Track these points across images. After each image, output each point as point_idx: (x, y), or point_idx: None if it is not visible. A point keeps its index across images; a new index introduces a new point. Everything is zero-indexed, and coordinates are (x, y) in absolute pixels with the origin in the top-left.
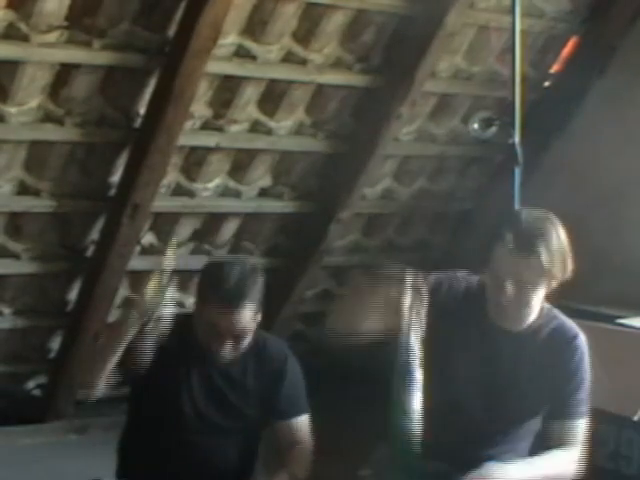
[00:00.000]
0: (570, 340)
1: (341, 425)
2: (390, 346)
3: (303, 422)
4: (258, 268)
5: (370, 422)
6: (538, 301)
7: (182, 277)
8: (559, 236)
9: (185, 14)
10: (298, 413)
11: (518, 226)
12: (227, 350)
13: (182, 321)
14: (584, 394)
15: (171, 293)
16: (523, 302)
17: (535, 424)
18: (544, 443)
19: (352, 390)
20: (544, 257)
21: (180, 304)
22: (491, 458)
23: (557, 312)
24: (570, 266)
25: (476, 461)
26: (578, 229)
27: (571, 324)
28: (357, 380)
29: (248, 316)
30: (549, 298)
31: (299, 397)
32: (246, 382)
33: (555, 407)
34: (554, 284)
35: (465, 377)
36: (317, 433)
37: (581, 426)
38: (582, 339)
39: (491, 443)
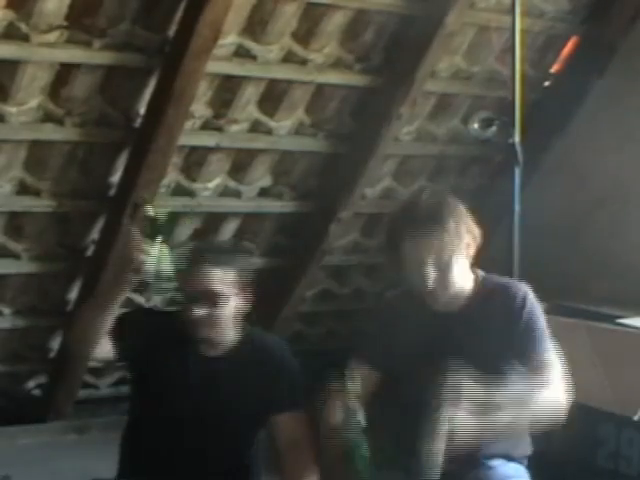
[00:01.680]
0: (514, 296)
1: None
2: None
3: (301, 417)
4: (245, 250)
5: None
6: (462, 276)
7: None
8: (451, 209)
9: (185, 14)
10: (295, 408)
11: (412, 214)
12: (203, 318)
13: (174, 317)
14: (542, 334)
15: (163, 250)
16: (446, 280)
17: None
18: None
19: None
20: (440, 232)
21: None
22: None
23: (493, 276)
24: (476, 230)
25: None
26: (578, 229)
27: (509, 283)
28: None
29: (216, 277)
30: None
31: (297, 392)
32: (242, 376)
33: (523, 355)
34: (470, 252)
35: (426, 369)
36: (317, 433)
37: (552, 358)
38: (524, 293)
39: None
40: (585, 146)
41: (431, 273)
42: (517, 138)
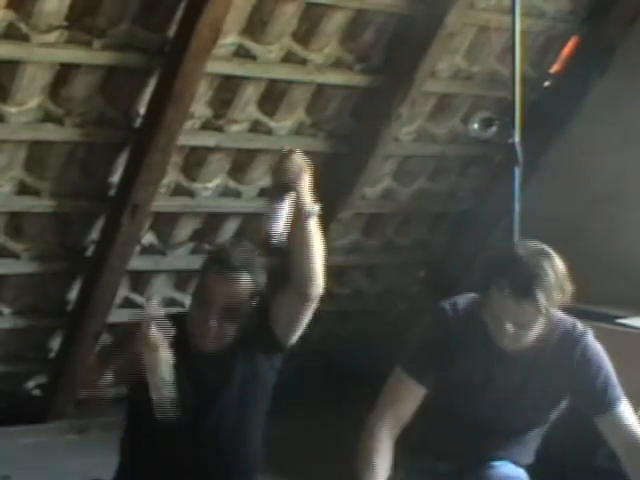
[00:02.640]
0: (576, 340)
1: (341, 425)
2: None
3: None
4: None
5: None
6: (539, 328)
7: (182, 277)
8: (555, 271)
9: (185, 14)
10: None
11: (515, 271)
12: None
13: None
14: (613, 381)
15: None
16: (523, 337)
17: (542, 428)
18: (610, 441)
19: (352, 390)
20: (542, 301)
21: (180, 304)
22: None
23: (560, 316)
24: (569, 291)
25: (483, 462)
26: (578, 229)
27: (575, 325)
28: (357, 380)
29: (240, 286)
30: None
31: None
32: (234, 375)
33: (592, 404)
34: (553, 312)
35: (479, 397)
36: (317, 434)
37: (625, 407)
38: (587, 341)
39: (501, 448)
40: (585, 146)
41: (514, 329)
42: (517, 138)
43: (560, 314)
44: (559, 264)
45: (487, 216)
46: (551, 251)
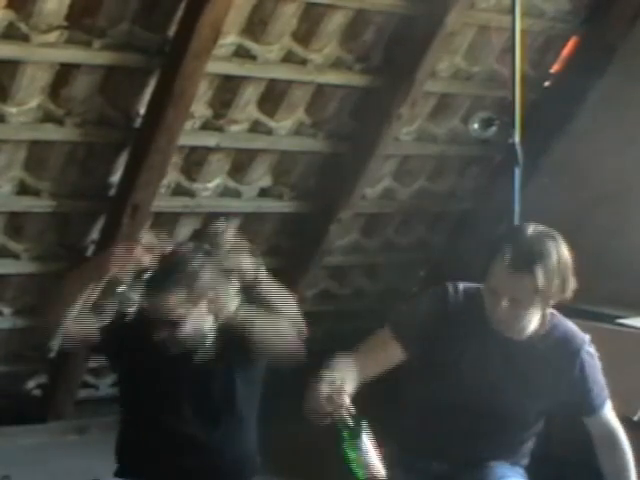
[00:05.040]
0: (573, 353)
1: None
2: None
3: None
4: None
5: (372, 422)
6: (535, 315)
7: None
8: (560, 256)
9: (185, 14)
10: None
11: (518, 243)
12: (166, 336)
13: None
14: (603, 384)
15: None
16: (518, 317)
17: (538, 426)
18: (595, 440)
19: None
20: (540, 277)
21: None
22: (492, 458)
23: (560, 319)
24: (571, 286)
25: (478, 461)
26: (578, 229)
27: (574, 333)
28: None
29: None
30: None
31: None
32: (219, 369)
33: (582, 407)
34: (551, 302)
35: (467, 382)
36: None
37: (607, 410)
38: (586, 349)
39: (492, 444)
40: (585, 146)
41: (509, 305)
42: (517, 138)
43: (561, 317)
44: (564, 251)
45: (487, 216)
46: (559, 238)
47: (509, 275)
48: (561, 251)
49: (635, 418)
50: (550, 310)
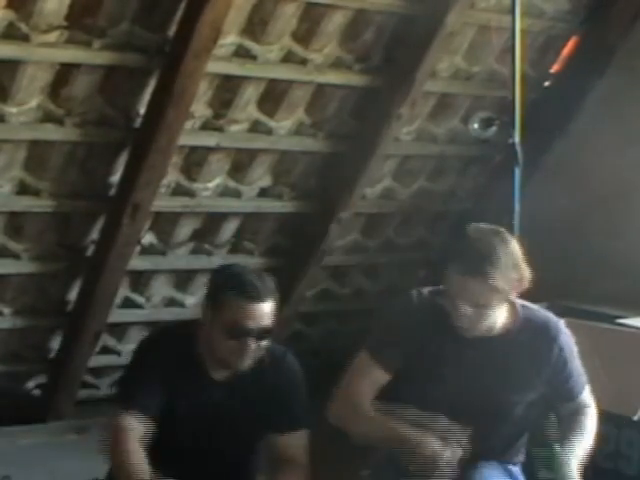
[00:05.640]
0: (552, 339)
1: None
2: None
3: (301, 437)
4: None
5: None
6: (500, 311)
7: (182, 277)
8: (508, 251)
9: (185, 14)
10: (296, 427)
11: (465, 248)
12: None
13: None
14: (581, 370)
15: None
16: (483, 317)
17: (528, 421)
18: (563, 421)
19: None
20: (494, 278)
21: (180, 304)
22: (483, 458)
23: (532, 308)
24: (527, 275)
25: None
26: (578, 229)
27: (548, 319)
28: None
29: (271, 311)
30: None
31: (299, 410)
32: (244, 395)
33: (562, 394)
34: (513, 296)
35: (450, 386)
36: (317, 433)
37: (587, 394)
38: (563, 332)
39: (481, 444)
40: (585, 146)
41: (469, 309)
42: (517, 138)
43: (531, 306)
44: (512, 244)
45: (487, 216)
46: (505, 233)
47: (464, 282)
48: (509, 247)
49: (635, 418)
50: (519, 302)
